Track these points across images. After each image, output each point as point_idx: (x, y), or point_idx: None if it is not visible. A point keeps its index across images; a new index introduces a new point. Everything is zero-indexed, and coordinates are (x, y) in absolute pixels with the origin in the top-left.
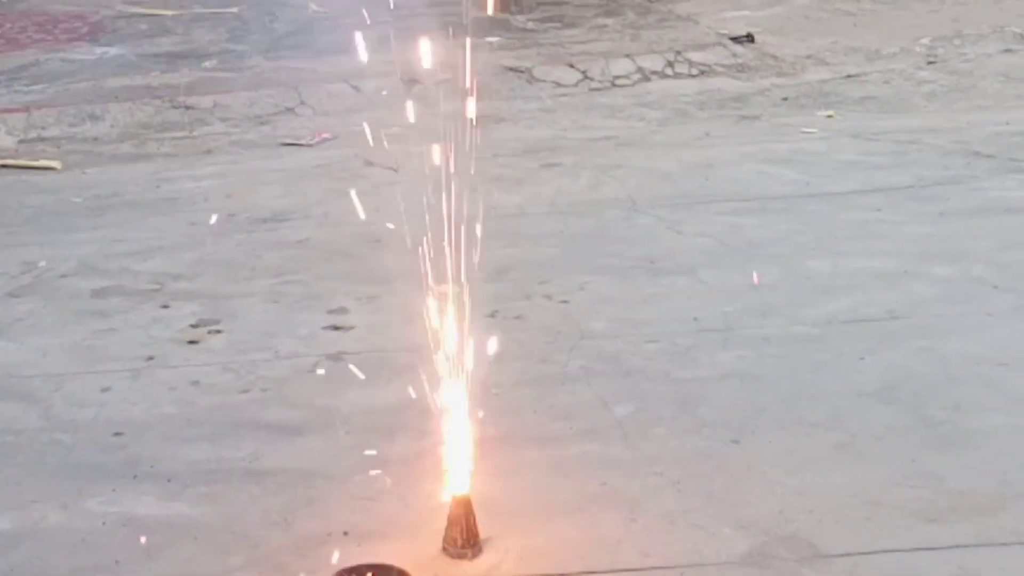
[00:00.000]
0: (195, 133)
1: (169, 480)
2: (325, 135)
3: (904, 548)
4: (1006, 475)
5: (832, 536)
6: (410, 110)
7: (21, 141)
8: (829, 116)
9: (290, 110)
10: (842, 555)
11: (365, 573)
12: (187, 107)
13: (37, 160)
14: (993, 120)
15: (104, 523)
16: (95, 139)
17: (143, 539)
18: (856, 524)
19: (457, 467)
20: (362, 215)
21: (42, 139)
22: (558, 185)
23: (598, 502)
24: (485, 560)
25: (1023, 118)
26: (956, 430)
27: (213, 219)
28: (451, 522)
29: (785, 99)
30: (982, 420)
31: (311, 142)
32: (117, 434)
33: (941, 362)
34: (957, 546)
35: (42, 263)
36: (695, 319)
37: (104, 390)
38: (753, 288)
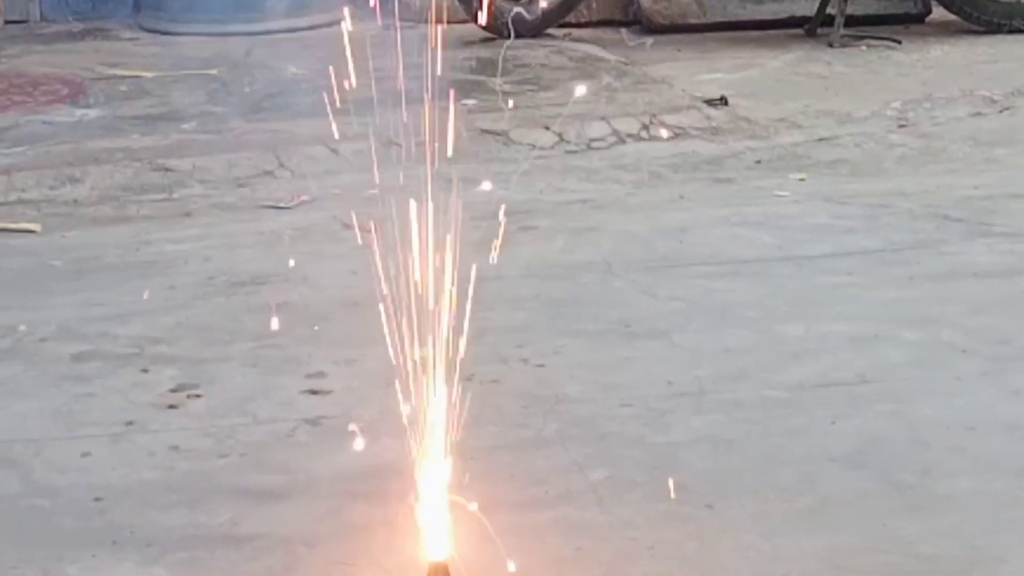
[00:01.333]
0: (174, 195)
1: (149, 545)
2: (304, 197)
3: None
4: (974, 540)
5: None
6: (387, 173)
7: (0, 204)
8: (801, 179)
9: (269, 172)
10: None
11: None
12: (166, 169)
13: (16, 223)
14: (963, 184)
15: None
16: (75, 201)
17: None
18: None
19: (434, 533)
20: (340, 278)
21: (22, 201)
22: (534, 248)
23: (574, 567)
24: None
25: (992, 182)
26: (925, 495)
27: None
28: None
29: (758, 162)
30: (951, 485)
31: (289, 204)
32: (97, 499)
33: (910, 426)
34: None
35: (22, 327)
36: (669, 383)
37: (84, 455)
38: (725, 352)
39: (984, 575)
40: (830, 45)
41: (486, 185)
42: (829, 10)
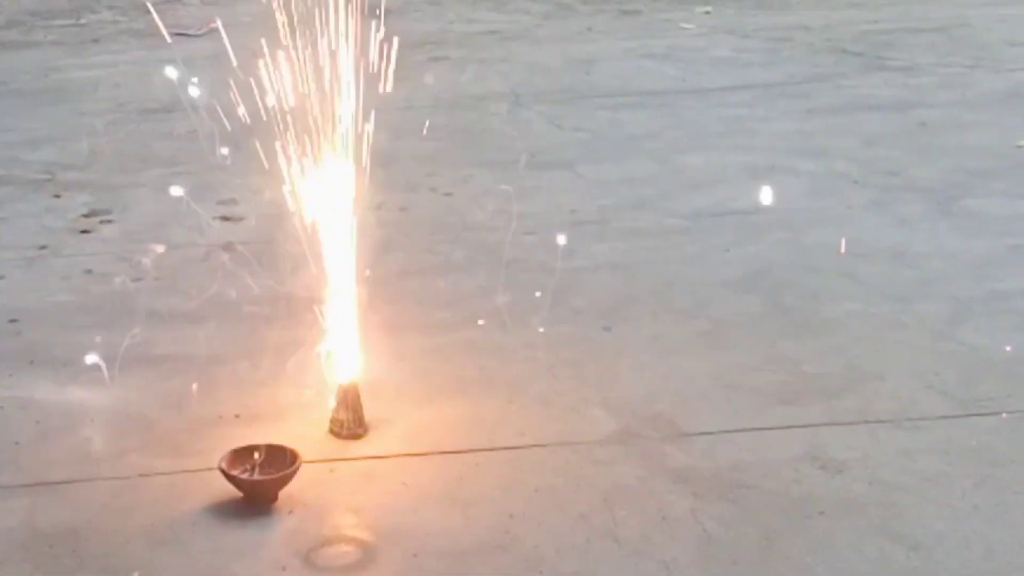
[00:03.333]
0: (82, 21)
1: (64, 365)
2: (213, 25)
3: (760, 427)
4: (856, 359)
5: (694, 417)
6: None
7: None
8: (707, 12)
9: None
10: (702, 434)
11: (255, 453)
12: None
13: None
14: (863, 18)
15: (2, 407)
16: None
17: (40, 422)
18: (717, 406)
19: (344, 354)
20: (251, 107)
21: None
22: (445, 79)
23: (478, 386)
24: (370, 441)
25: (891, 16)
26: (813, 318)
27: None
28: (338, 405)
29: None
30: (836, 308)
31: (199, 32)
32: (12, 321)
33: (801, 253)
34: (808, 425)
35: None
36: (572, 211)
37: None
38: (628, 181)
39: (865, 392)
40: None
41: (393, 16)
42: None
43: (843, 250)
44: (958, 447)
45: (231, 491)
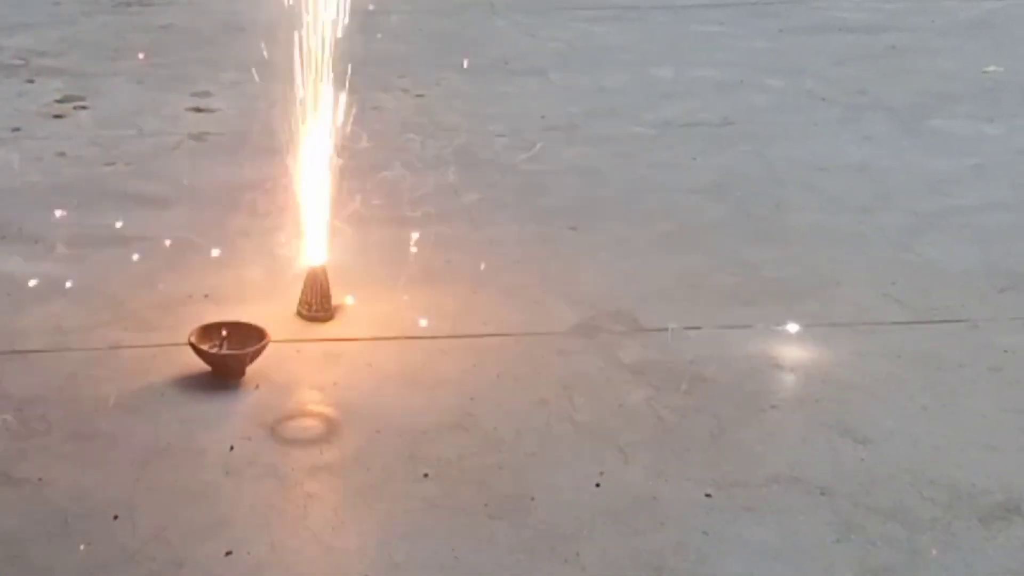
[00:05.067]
0: None
1: (36, 242)
2: None
3: (718, 326)
4: (815, 266)
5: (654, 313)
6: None
7: None
8: None
9: None
10: (662, 329)
11: (223, 329)
12: None
13: None
14: None
15: None
16: None
17: (11, 294)
18: (677, 303)
19: (314, 240)
20: (228, 4)
21: None
22: None
23: (443, 276)
24: (336, 324)
25: None
26: (775, 226)
27: None
28: (306, 287)
29: None
30: (798, 218)
31: None
32: None
33: (767, 165)
34: (765, 325)
35: None
36: (543, 117)
37: None
38: (599, 91)
39: (822, 296)
40: None
41: None
42: None
43: (807, 162)
44: (910, 352)
45: (199, 365)
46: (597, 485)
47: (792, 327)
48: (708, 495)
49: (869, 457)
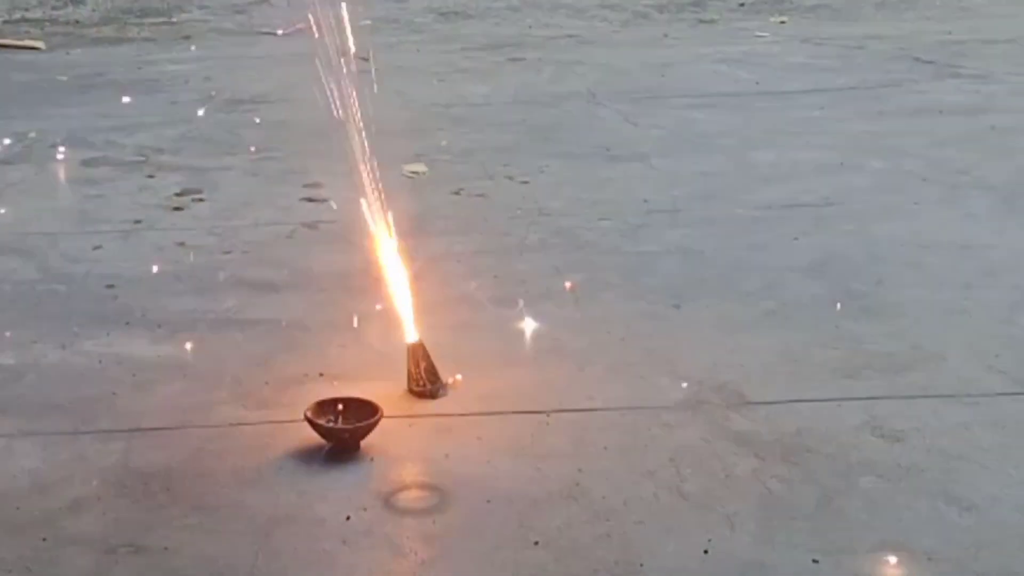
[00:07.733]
0: (174, 19)
1: (159, 327)
2: (299, 25)
3: (822, 399)
4: (918, 340)
5: (758, 387)
6: (382, 5)
7: (5, 22)
8: (782, 22)
9: (265, 0)
10: (766, 403)
11: (338, 404)
12: None
13: (22, 40)
14: (936, 29)
15: (100, 361)
16: (77, 22)
17: (136, 375)
18: (780, 378)
19: (420, 320)
20: (336, 100)
21: (26, 20)
22: (522, 78)
23: (550, 355)
24: (446, 400)
25: (965, 29)
26: (877, 302)
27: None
28: (411, 365)
29: (741, 4)
30: (901, 294)
31: (286, 31)
32: (109, 286)
33: (868, 243)
34: (869, 398)
35: (32, 134)
36: (645, 201)
37: (96, 248)
38: (701, 175)
39: (925, 369)
40: None
41: (476, 19)
42: None
43: (909, 241)
44: (1015, 422)
45: (315, 440)
46: (705, 552)
47: (896, 400)
48: (815, 560)
49: (975, 524)
